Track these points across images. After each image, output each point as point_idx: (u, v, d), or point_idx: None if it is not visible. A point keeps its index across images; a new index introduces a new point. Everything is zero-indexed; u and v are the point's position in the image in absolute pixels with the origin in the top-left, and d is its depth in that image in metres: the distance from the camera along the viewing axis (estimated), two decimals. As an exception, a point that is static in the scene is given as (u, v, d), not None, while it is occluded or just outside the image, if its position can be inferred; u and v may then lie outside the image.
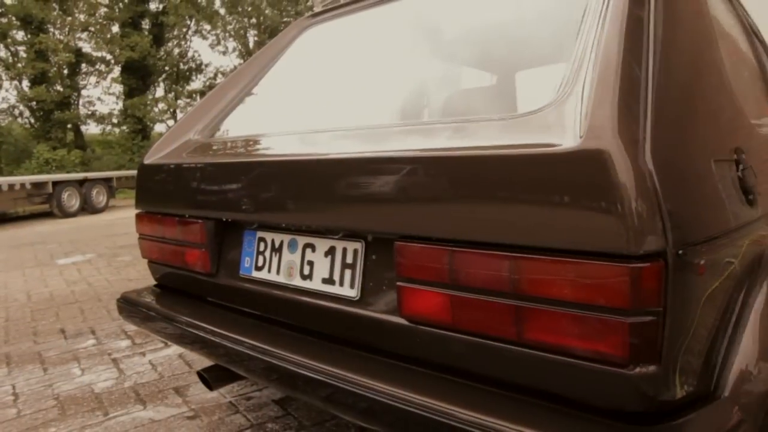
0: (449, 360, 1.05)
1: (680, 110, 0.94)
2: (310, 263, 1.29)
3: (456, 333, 1.01)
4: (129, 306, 1.74)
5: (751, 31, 1.81)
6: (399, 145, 1.12)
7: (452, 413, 0.94)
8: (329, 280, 1.24)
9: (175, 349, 2.62)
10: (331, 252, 1.25)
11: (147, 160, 1.76)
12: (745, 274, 1.04)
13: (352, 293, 1.19)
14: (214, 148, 1.64)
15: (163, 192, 1.70)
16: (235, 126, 1.77)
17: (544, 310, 0.88)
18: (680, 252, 0.80)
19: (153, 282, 1.89)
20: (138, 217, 1.81)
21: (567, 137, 0.84)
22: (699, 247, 0.86)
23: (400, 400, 1.00)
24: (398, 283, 1.07)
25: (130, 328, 3.02)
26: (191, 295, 1.67)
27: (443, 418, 0.94)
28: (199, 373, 1.75)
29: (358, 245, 1.20)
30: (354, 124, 1.38)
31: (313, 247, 1.29)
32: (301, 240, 1.31)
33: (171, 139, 1.82)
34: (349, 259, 1.21)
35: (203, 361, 1.88)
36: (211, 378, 1.74)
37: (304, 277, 1.30)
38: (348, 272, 1.21)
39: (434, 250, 1.00)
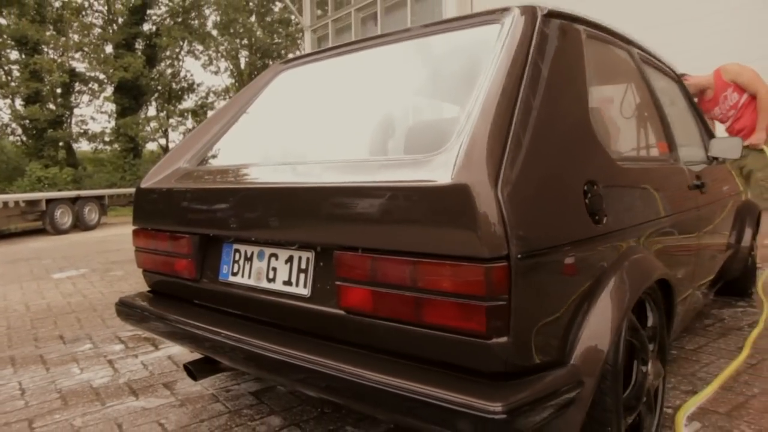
0: (375, 341, 1.38)
1: (536, 154, 1.29)
2: (274, 269, 1.62)
3: (377, 320, 1.34)
4: (126, 309, 2.06)
5: (643, 75, 2.16)
6: (338, 178, 1.47)
7: (379, 380, 1.25)
8: (288, 282, 1.58)
9: (164, 352, 2.93)
10: (290, 260, 1.58)
11: (143, 185, 2.09)
12: (594, 272, 1.38)
13: (305, 292, 1.53)
14: (200, 175, 1.97)
15: (156, 211, 2.03)
16: (218, 156, 2.11)
17: (434, 299, 1.22)
18: (520, 256, 1.14)
19: (146, 289, 2.21)
20: (135, 232, 2.14)
21: (446, 175, 1.19)
22: (542, 252, 1.21)
23: (343, 372, 1.31)
24: (337, 283, 1.40)
25: (124, 334, 3.32)
26: (179, 298, 1.99)
27: (371, 383, 1.25)
28: (185, 366, 2.07)
29: (310, 254, 1.53)
30: (311, 158, 1.73)
31: (276, 256, 1.62)
32: (268, 251, 1.65)
33: (164, 167, 2.15)
34: (303, 266, 1.55)
35: (189, 359, 2.18)
36: (195, 370, 2.07)
37: (269, 281, 1.63)
38: (302, 275, 1.55)
39: (361, 257, 1.33)
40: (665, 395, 1.86)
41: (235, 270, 1.74)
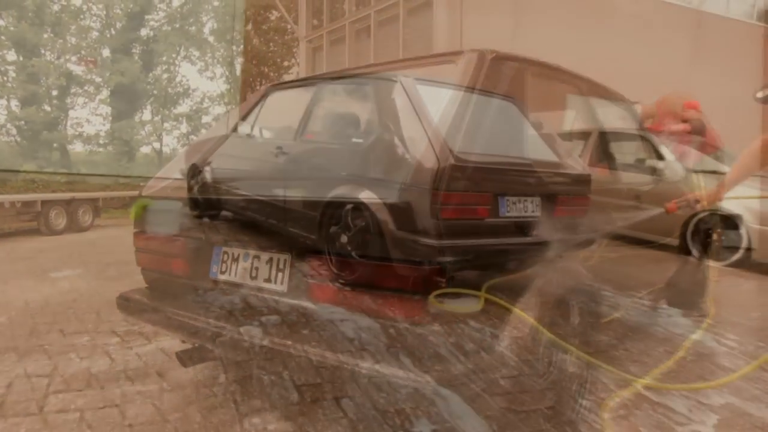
0: (339, 329, 1.65)
1: (475, 177, 1.58)
2: (257, 268, 1.90)
3: (341, 311, 1.62)
4: (127, 302, 2.33)
5: (589, 105, 2.47)
6: (311, 193, 1.75)
7: (340, 360, 1.53)
8: (268, 280, 1.86)
9: (156, 345, 3.18)
10: (270, 261, 1.86)
11: (144, 193, 2.37)
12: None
13: (282, 288, 1.81)
14: (195, 186, 2.25)
15: (155, 217, 2.30)
16: (212, 169, 2.39)
17: (384, 295, 1.50)
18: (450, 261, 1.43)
19: (140, 287, 2.47)
20: (135, 235, 2.41)
21: (393, 195, 1.47)
22: (468, 259, 1.49)
23: (311, 354, 1.59)
24: (308, 281, 1.68)
25: (119, 328, 3.57)
26: (174, 293, 2.26)
27: (334, 363, 1.54)
28: (177, 354, 2.33)
29: (287, 256, 1.82)
30: (292, 174, 2.02)
31: (259, 258, 1.90)
32: (251, 253, 1.93)
33: (163, 177, 2.43)
34: (281, 266, 1.83)
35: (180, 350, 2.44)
36: (186, 357, 2.33)
37: (252, 278, 1.91)
38: (280, 274, 1.83)
39: (328, 260, 1.62)
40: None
41: (224, 269, 2.02)
